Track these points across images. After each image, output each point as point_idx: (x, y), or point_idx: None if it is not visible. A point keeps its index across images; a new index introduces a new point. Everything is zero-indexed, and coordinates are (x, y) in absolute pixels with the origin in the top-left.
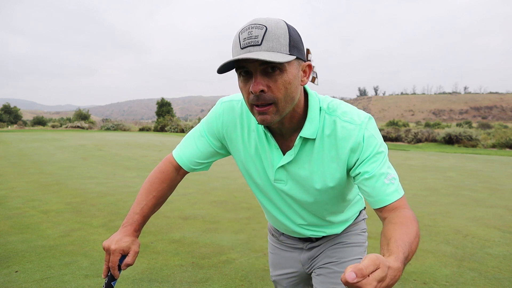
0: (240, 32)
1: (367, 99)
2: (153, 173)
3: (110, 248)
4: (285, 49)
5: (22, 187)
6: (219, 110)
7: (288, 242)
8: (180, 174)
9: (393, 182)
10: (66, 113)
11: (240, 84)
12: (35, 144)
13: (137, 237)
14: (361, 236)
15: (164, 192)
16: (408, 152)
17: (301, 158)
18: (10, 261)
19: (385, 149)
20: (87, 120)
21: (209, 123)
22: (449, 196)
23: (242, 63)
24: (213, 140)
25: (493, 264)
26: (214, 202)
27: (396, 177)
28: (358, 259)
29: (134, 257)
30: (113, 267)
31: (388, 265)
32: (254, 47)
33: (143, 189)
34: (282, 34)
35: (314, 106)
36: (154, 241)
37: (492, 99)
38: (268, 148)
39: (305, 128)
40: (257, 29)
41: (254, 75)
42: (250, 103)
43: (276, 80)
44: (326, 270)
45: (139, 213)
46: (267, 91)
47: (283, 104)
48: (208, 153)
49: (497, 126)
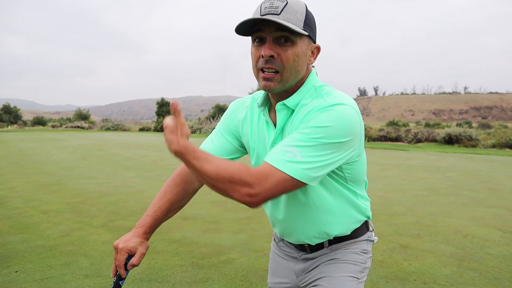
0: (263, 2)
1: (367, 99)
2: (171, 176)
3: (118, 247)
4: (300, 24)
5: (22, 187)
6: (232, 108)
7: (285, 249)
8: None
9: (289, 156)
10: (66, 113)
11: (252, 49)
12: (35, 144)
13: (147, 239)
14: (360, 256)
15: (179, 195)
16: (408, 152)
17: (286, 130)
18: (10, 261)
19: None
20: (87, 120)
21: (224, 121)
22: (449, 196)
23: (259, 27)
24: (230, 137)
25: (493, 264)
26: (214, 202)
27: (300, 159)
28: (351, 277)
29: (140, 258)
30: (119, 265)
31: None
32: (273, 15)
33: (160, 192)
34: (300, 10)
35: (309, 83)
36: (154, 241)
37: (492, 99)
38: (266, 129)
39: (291, 97)
40: (278, 1)
41: (267, 40)
42: (258, 67)
43: (286, 50)
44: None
45: (151, 215)
46: (276, 58)
47: (287, 74)
48: (227, 150)
49: (497, 126)
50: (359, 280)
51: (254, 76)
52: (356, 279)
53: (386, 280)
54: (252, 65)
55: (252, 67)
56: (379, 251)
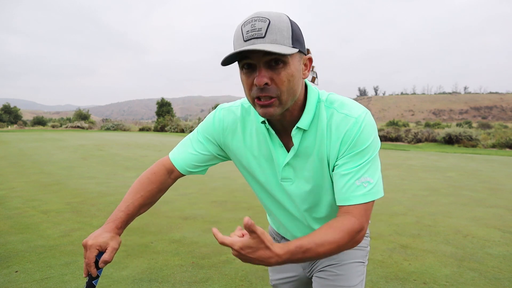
0: (243, 25)
1: (367, 99)
2: (145, 173)
3: (87, 244)
4: (288, 42)
5: (22, 187)
6: (219, 116)
7: None
8: (172, 177)
9: (365, 186)
10: (66, 113)
11: (242, 77)
12: (35, 144)
13: (119, 234)
14: (363, 240)
15: (152, 193)
16: (408, 152)
17: (303, 151)
18: (10, 261)
19: (376, 148)
20: (87, 120)
21: (207, 129)
22: (449, 196)
23: (246, 55)
24: (210, 145)
25: (493, 264)
26: (214, 202)
27: (373, 181)
28: (359, 262)
29: (112, 254)
30: (88, 263)
31: (268, 246)
32: (258, 39)
33: (132, 188)
34: (285, 27)
35: (312, 98)
36: (154, 241)
37: (492, 99)
38: (272, 147)
39: (303, 118)
40: (260, 22)
41: (258, 67)
42: (252, 96)
43: (279, 73)
44: (327, 273)
45: (124, 210)
46: (271, 84)
47: (285, 97)
48: (206, 157)
49: (497, 126)
50: (364, 263)
51: (250, 103)
52: (363, 263)
53: (386, 280)
54: (246, 93)
55: (246, 95)
56: (379, 251)
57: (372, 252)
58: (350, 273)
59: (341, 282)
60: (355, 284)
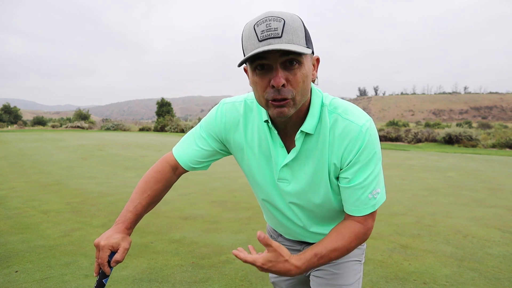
0: (256, 25)
1: (367, 99)
2: (149, 172)
3: (99, 244)
4: (302, 42)
5: (22, 187)
6: (221, 111)
7: (286, 244)
8: (176, 174)
9: (375, 197)
10: (66, 113)
11: (255, 79)
12: (35, 144)
13: (129, 234)
14: None
15: (159, 191)
16: (408, 152)
17: (304, 154)
18: (10, 261)
19: (381, 156)
20: (87, 120)
21: (209, 124)
22: (449, 196)
23: (261, 55)
24: (213, 141)
25: (493, 264)
26: (214, 202)
27: (381, 190)
28: (355, 261)
29: (124, 254)
30: (102, 263)
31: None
32: (275, 39)
33: (138, 187)
34: (299, 27)
35: (317, 101)
36: (154, 241)
37: (492, 99)
38: (273, 146)
39: (306, 122)
40: (275, 22)
41: (274, 68)
42: (266, 98)
43: (295, 73)
44: (324, 272)
45: (132, 211)
46: (287, 85)
47: (299, 98)
48: (209, 153)
49: (497, 126)
50: (361, 262)
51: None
52: (359, 262)
53: (386, 280)
54: (258, 95)
55: (258, 97)
56: (379, 251)
57: (372, 252)
58: (347, 271)
59: (338, 281)
60: (352, 283)
